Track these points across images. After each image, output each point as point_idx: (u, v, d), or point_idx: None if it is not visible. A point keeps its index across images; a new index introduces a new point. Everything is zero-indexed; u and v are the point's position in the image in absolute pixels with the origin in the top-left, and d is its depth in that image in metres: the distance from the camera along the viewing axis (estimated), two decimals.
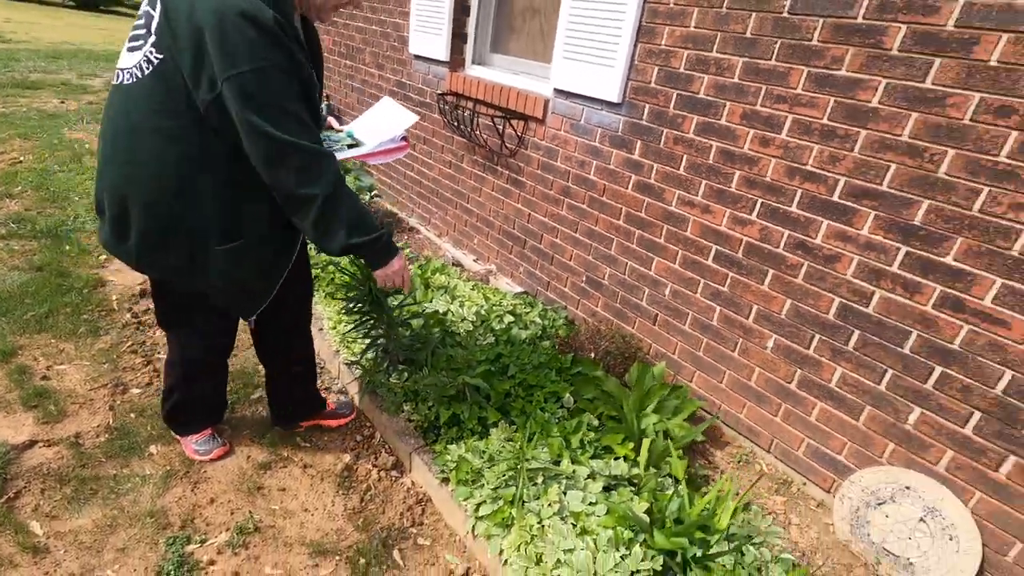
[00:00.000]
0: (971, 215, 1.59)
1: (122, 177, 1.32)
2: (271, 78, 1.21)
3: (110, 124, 1.34)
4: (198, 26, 1.16)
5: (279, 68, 1.22)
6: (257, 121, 1.21)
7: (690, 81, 2.18)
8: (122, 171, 1.32)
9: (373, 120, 1.89)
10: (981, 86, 1.52)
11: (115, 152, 1.32)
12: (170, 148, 1.27)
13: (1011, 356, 1.58)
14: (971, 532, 1.69)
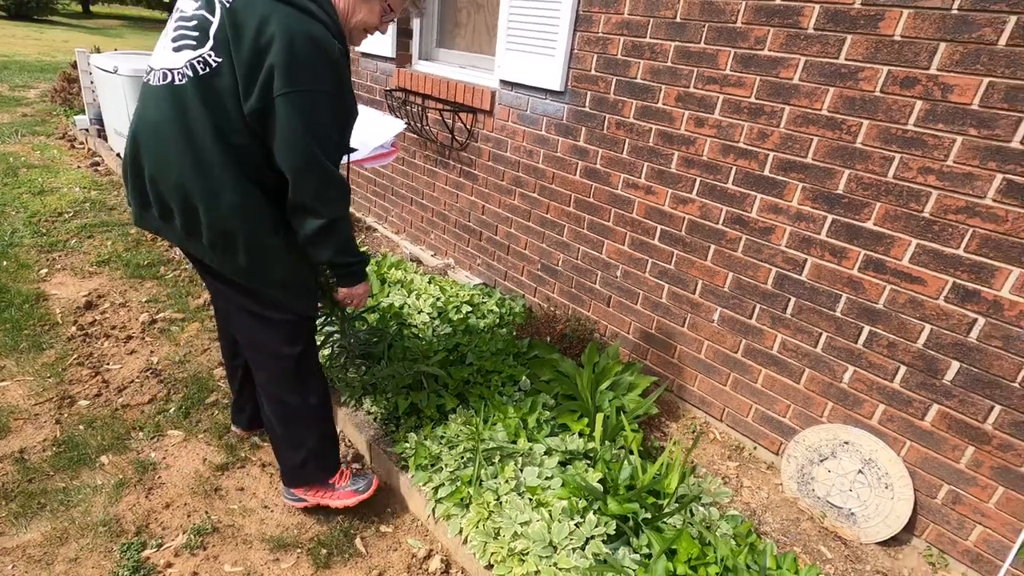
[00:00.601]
0: (887, 181, 1.70)
1: (184, 174, 1.31)
2: (324, 102, 1.29)
3: (165, 122, 1.30)
4: (267, 40, 1.21)
5: (334, 95, 1.31)
6: (303, 136, 1.28)
7: (627, 66, 2.25)
8: (183, 168, 1.31)
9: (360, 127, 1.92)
10: (888, 59, 1.63)
11: (172, 149, 1.30)
12: (226, 146, 1.30)
13: (928, 311, 1.69)
14: (904, 479, 1.80)
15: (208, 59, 1.26)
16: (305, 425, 1.68)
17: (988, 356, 1.61)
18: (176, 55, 1.28)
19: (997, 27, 1.45)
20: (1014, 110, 1.46)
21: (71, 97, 6.67)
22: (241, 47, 1.23)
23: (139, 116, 1.36)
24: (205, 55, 1.26)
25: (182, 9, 1.32)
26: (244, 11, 1.23)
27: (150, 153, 1.33)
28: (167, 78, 1.29)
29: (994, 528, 1.68)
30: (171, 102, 1.28)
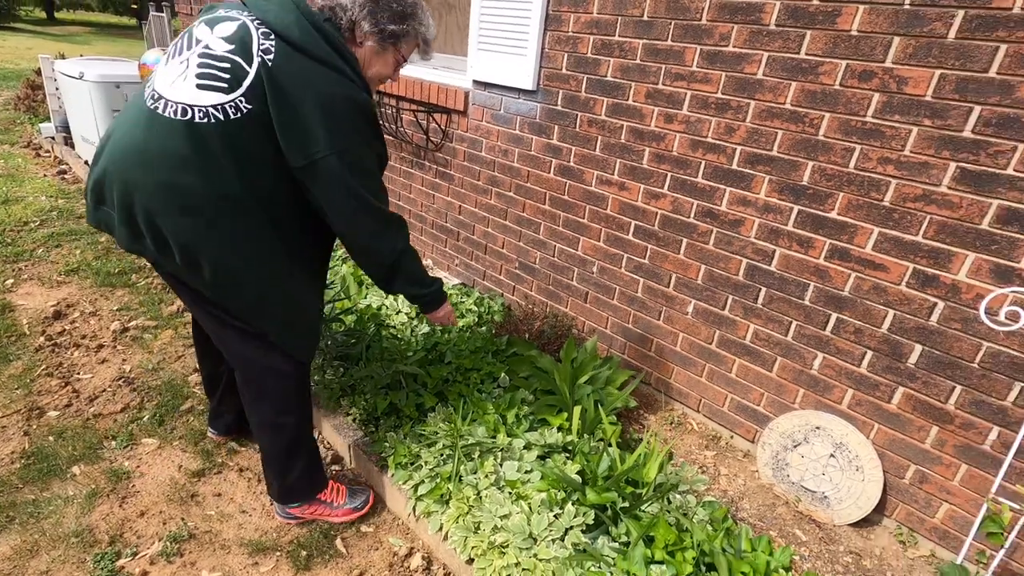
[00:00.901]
0: (848, 172, 1.75)
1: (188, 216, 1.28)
2: (367, 154, 1.38)
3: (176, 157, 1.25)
4: (310, 103, 1.25)
5: (373, 147, 1.39)
6: (353, 190, 1.34)
7: (598, 65, 2.28)
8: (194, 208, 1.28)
9: None
10: (846, 54, 1.68)
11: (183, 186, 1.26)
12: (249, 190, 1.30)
13: (891, 297, 1.75)
14: (873, 461, 1.86)
15: (239, 104, 1.25)
16: (298, 443, 1.65)
17: (948, 338, 1.67)
18: (200, 92, 1.24)
19: (947, 21, 1.50)
20: (964, 100, 1.52)
21: (36, 105, 6.52)
22: (281, 106, 1.25)
23: (137, 141, 1.27)
24: (236, 101, 1.24)
25: (208, 45, 1.27)
26: (284, 70, 1.25)
27: (149, 184, 1.25)
28: (187, 114, 1.24)
29: (959, 505, 1.74)
30: (190, 140, 1.24)
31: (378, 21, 1.37)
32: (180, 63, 1.29)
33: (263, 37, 1.27)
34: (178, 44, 1.34)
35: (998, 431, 1.63)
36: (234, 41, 1.26)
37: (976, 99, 1.50)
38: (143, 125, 1.26)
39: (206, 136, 1.24)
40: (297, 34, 1.27)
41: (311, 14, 1.30)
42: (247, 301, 1.40)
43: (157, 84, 1.29)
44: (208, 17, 1.33)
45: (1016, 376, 1.58)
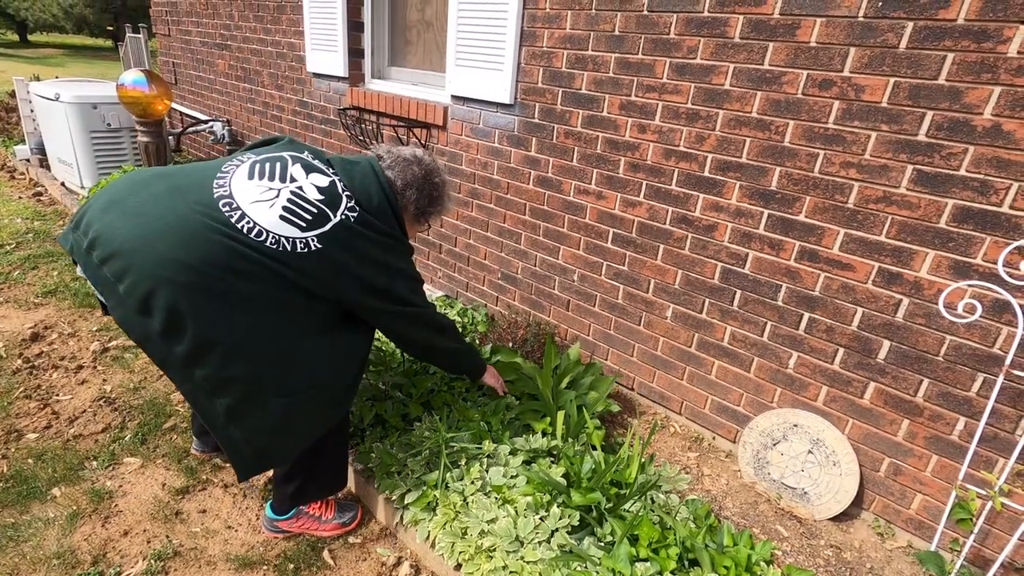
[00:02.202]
0: (813, 176, 1.82)
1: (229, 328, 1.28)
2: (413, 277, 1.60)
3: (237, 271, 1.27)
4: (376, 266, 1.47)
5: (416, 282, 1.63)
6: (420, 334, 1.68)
7: (572, 78, 2.35)
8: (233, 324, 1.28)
9: None
10: (806, 64, 1.76)
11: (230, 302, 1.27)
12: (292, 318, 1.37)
13: (859, 295, 1.82)
14: (849, 456, 1.91)
15: (311, 243, 1.35)
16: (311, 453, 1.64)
17: (914, 333, 1.74)
18: (282, 224, 1.34)
19: (898, 32, 1.59)
20: (917, 106, 1.60)
21: (9, 127, 6.44)
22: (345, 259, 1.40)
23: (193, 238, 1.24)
24: (309, 239, 1.35)
25: (302, 187, 1.40)
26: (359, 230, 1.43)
27: (194, 285, 1.23)
28: (262, 236, 1.31)
29: (931, 495, 1.80)
30: (261, 263, 1.29)
31: (418, 205, 1.64)
32: (269, 189, 1.38)
33: (347, 199, 1.44)
34: (265, 167, 1.42)
35: (964, 421, 1.70)
36: (325, 193, 1.42)
37: (928, 105, 1.59)
38: (207, 225, 1.27)
39: (275, 261, 1.31)
40: (375, 205, 1.48)
41: (387, 190, 1.53)
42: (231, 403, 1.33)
43: (236, 195, 1.34)
44: (303, 161, 1.47)
45: (978, 367, 1.65)
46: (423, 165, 1.64)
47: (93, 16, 22.70)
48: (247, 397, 1.32)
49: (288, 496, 1.69)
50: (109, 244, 1.24)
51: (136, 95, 3.79)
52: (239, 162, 1.43)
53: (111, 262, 1.24)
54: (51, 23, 22.80)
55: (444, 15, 2.86)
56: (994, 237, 1.56)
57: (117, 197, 1.32)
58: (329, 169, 1.49)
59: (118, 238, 1.24)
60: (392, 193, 1.54)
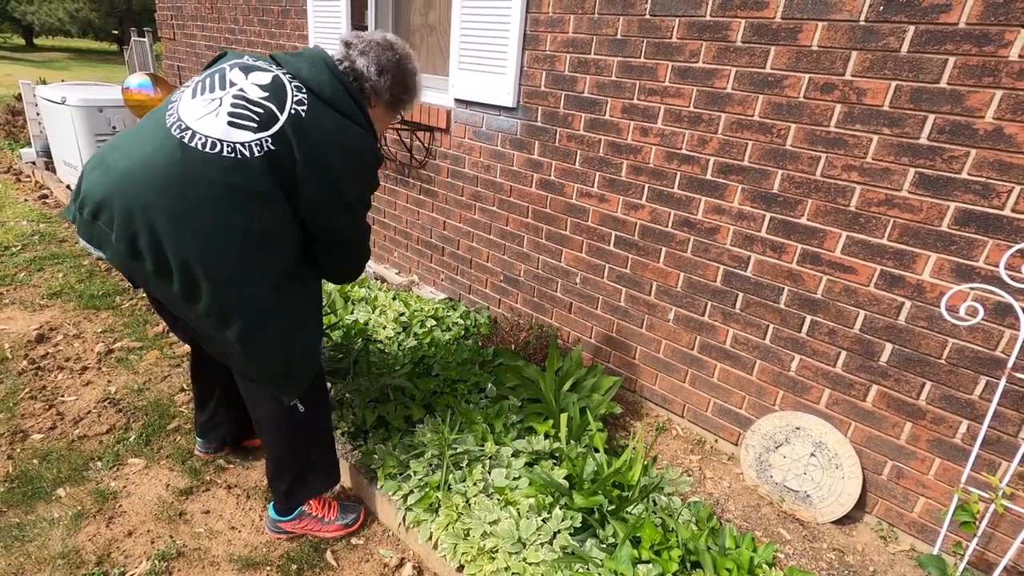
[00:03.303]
0: (815, 179, 1.83)
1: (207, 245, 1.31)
2: (369, 199, 1.57)
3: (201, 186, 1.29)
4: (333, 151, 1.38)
5: (374, 188, 1.57)
6: (357, 237, 1.60)
7: (575, 82, 2.36)
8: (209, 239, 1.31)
9: None
10: (808, 68, 1.77)
11: (202, 215, 1.29)
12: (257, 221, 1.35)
13: (861, 298, 1.82)
14: (852, 459, 1.91)
15: (264, 143, 1.32)
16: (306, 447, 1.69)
17: (916, 336, 1.74)
18: (232, 130, 1.31)
19: (899, 36, 1.60)
20: (919, 109, 1.60)
21: (16, 130, 6.49)
22: (309, 153, 1.35)
23: (157, 167, 1.29)
24: (262, 140, 1.32)
25: (243, 89, 1.35)
26: (316, 121, 1.36)
27: (164, 208, 1.27)
28: (216, 147, 1.30)
29: (934, 498, 1.80)
30: (217, 171, 1.29)
31: (392, 91, 1.56)
32: (211, 100, 1.35)
33: (296, 91, 1.37)
34: (206, 82, 1.39)
35: (967, 424, 1.70)
36: (269, 90, 1.36)
37: (930, 108, 1.59)
38: (165, 152, 1.29)
39: (230, 169, 1.30)
40: (329, 92, 1.40)
41: (340, 75, 1.45)
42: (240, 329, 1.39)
43: (184, 116, 1.33)
44: (241, 63, 1.41)
45: (980, 370, 1.65)
46: (396, 50, 1.55)
47: (98, 20, 22.86)
48: (248, 323, 1.38)
49: (283, 495, 1.71)
50: (94, 197, 1.31)
51: (141, 98, 3.82)
52: (185, 87, 1.43)
53: (102, 214, 1.30)
54: (57, 27, 22.96)
55: (447, 19, 2.88)
56: (996, 240, 1.56)
57: (100, 156, 1.37)
58: (273, 65, 1.41)
59: (101, 190, 1.30)
60: (345, 79, 1.45)
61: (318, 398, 1.69)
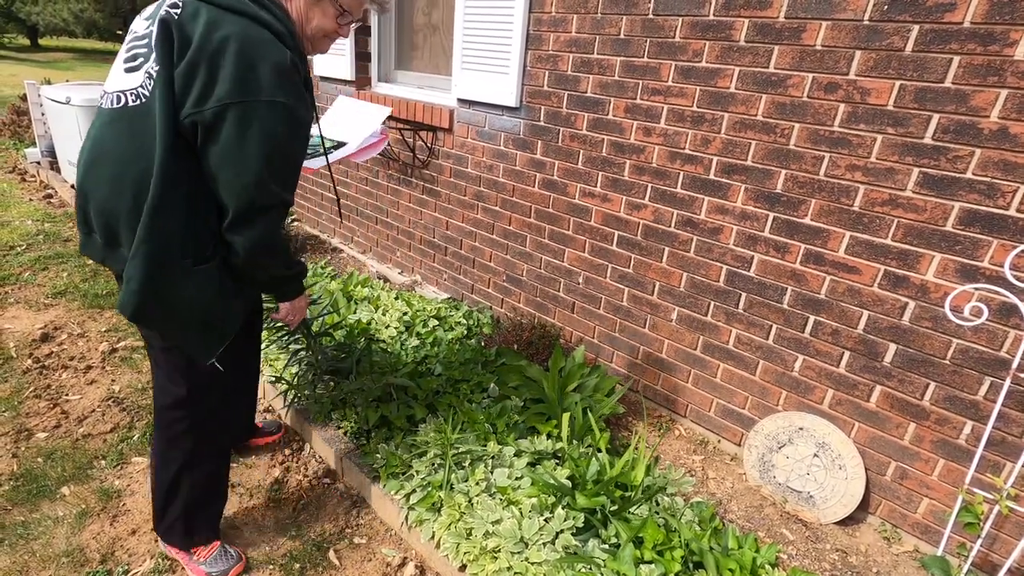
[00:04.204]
0: (819, 179, 1.82)
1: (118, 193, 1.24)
2: (281, 114, 1.19)
3: (113, 143, 1.24)
4: (214, 47, 1.14)
5: (288, 110, 1.20)
6: (257, 159, 1.19)
7: (578, 82, 2.36)
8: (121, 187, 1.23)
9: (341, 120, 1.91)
10: (812, 67, 1.76)
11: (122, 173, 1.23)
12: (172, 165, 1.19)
13: (865, 298, 1.81)
14: (855, 459, 1.90)
15: (152, 72, 1.18)
16: (176, 487, 1.54)
17: (920, 336, 1.73)
18: (129, 76, 1.23)
19: (903, 35, 1.59)
20: (923, 109, 1.60)
21: (20, 130, 6.52)
22: (183, 55, 1.14)
23: (91, 141, 1.30)
24: (149, 69, 1.19)
25: (135, 30, 1.27)
26: (191, 20, 1.16)
27: (97, 178, 1.26)
28: (120, 100, 1.23)
29: (938, 499, 1.79)
30: (124, 124, 1.23)
31: None
32: (119, 57, 1.29)
33: (172, 6, 1.18)
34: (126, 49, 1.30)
35: (971, 425, 1.69)
36: (151, 15, 1.22)
37: (934, 108, 1.58)
38: (95, 127, 1.29)
39: (135, 116, 1.20)
40: None
41: None
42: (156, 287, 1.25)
43: (108, 88, 1.29)
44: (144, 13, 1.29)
45: (985, 371, 1.64)
46: None
47: (103, 20, 22.93)
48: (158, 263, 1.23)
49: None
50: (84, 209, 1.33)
51: None
52: None
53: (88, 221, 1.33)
54: (61, 27, 23.05)
55: (450, 19, 2.88)
56: (1001, 240, 1.55)
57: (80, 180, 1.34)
58: None
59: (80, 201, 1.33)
60: None
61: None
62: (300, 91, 1.25)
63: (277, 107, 1.18)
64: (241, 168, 1.19)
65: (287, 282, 1.51)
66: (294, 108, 1.22)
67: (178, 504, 1.56)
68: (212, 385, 1.48)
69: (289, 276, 1.49)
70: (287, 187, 1.30)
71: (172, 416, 1.50)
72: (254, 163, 1.19)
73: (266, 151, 1.19)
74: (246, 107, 1.15)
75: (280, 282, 1.50)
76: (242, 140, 1.17)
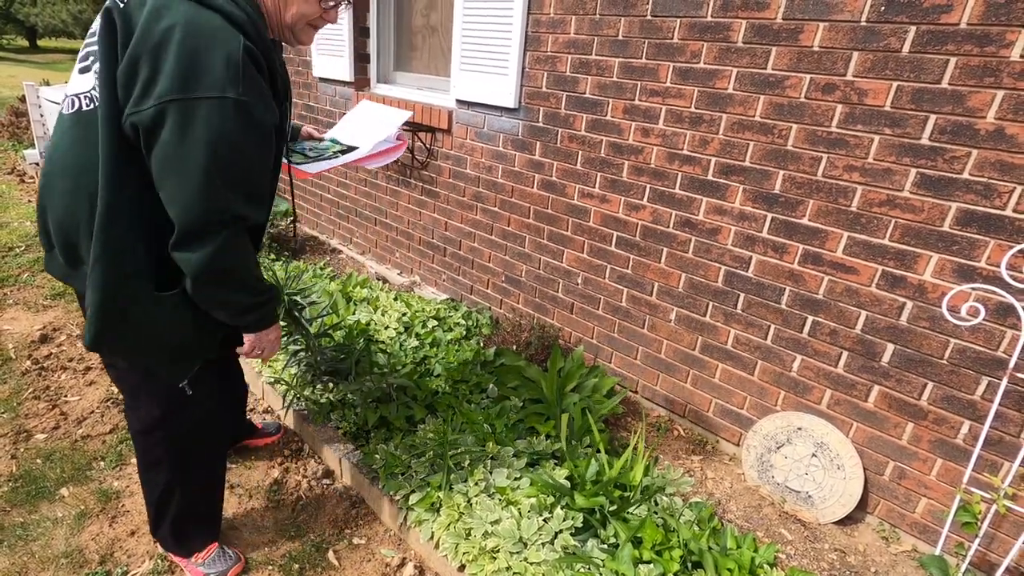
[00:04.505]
0: (817, 179, 1.83)
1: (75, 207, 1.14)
2: (226, 116, 1.03)
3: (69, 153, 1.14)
4: (159, 35, 1.00)
5: (240, 108, 1.04)
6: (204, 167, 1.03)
7: (576, 83, 2.36)
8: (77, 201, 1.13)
9: (359, 123, 1.84)
10: (809, 68, 1.77)
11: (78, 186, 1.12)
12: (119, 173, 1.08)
13: (863, 299, 1.82)
14: (853, 459, 1.91)
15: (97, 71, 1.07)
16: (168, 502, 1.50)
17: (918, 336, 1.74)
18: (82, 78, 1.11)
19: (900, 36, 1.60)
20: (920, 110, 1.60)
21: (19, 132, 6.52)
22: (126, 49, 1.02)
23: (50, 149, 1.19)
24: (96, 69, 1.08)
25: (92, 30, 1.15)
26: (137, 9, 1.04)
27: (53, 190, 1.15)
28: (75, 105, 1.13)
29: (936, 499, 1.79)
30: (79, 131, 1.11)
31: None
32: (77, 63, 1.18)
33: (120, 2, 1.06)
34: None
35: (969, 425, 1.69)
36: (104, 17, 1.08)
37: (931, 109, 1.59)
38: (55, 134, 1.19)
39: (89, 122, 1.09)
40: None
41: None
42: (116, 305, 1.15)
43: (69, 91, 1.18)
44: None
45: (982, 371, 1.65)
46: None
47: None
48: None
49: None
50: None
51: None
52: None
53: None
54: (60, 28, 23.06)
55: (449, 20, 2.89)
56: (998, 240, 1.56)
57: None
58: None
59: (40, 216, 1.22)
60: None
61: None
62: (259, 85, 1.08)
63: (227, 104, 1.02)
64: (184, 177, 1.04)
65: (249, 311, 1.27)
66: (249, 105, 1.05)
67: (167, 522, 1.53)
68: (189, 400, 1.36)
69: (250, 305, 1.26)
70: (248, 200, 1.13)
71: (148, 441, 1.42)
72: (198, 170, 1.03)
73: (213, 156, 1.03)
74: (188, 105, 1.00)
75: (241, 311, 1.26)
76: (184, 143, 1.02)
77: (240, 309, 1.25)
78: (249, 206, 1.14)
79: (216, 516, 1.65)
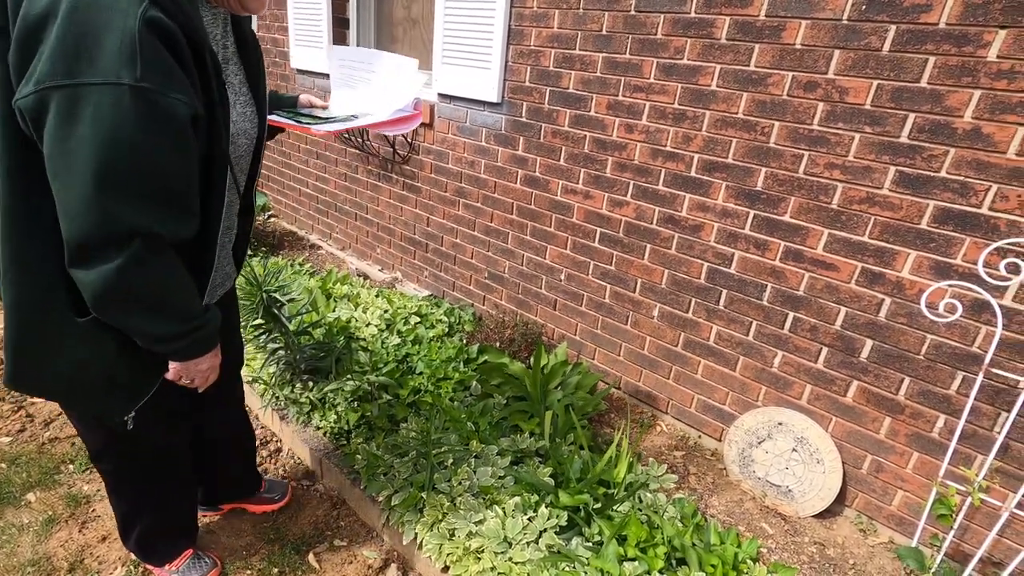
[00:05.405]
0: (798, 177, 1.84)
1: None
2: (122, 106, 0.83)
3: None
4: (38, 14, 0.83)
5: (140, 96, 0.84)
6: (88, 172, 0.84)
7: (560, 77, 2.34)
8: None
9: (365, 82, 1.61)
10: (792, 66, 1.78)
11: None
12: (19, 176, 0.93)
13: (843, 295, 1.84)
14: (832, 453, 1.93)
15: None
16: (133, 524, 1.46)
17: (896, 332, 1.76)
18: None
19: (881, 35, 1.61)
20: (900, 108, 1.62)
21: None
22: (16, 23, 0.85)
23: None
24: None
25: None
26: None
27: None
28: None
29: (912, 491, 1.83)
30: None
31: None
32: None
33: None
34: None
35: (944, 419, 1.73)
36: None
37: (910, 107, 1.61)
38: None
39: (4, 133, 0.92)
40: None
41: None
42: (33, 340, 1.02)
43: None
44: None
45: (958, 366, 1.68)
46: None
47: None
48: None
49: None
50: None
51: None
52: None
53: None
54: None
55: (431, 12, 2.84)
56: (974, 238, 1.59)
57: None
58: None
59: None
60: None
61: None
62: (166, 67, 0.87)
63: (122, 92, 0.83)
64: (69, 181, 0.86)
65: (173, 340, 1.06)
66: (153, 92, 0.85)
67: (133, 539, 1.49)
68: (131, 436, 1.19)
69: (173, 335, 1.05)
70: (159, 211, 0.92)
71: (101, 468, 1.35)
72: (85, 175, 0.84)
73: (103, 155, 0.84)
74: (73, 93, 0.82)
75: (161, 340, 1.05)
76: (69, 140, 0.84)
77: (157, 338, 1.04)
78: (162, 220, 0.93)
79: (188, 527, 1.58)
